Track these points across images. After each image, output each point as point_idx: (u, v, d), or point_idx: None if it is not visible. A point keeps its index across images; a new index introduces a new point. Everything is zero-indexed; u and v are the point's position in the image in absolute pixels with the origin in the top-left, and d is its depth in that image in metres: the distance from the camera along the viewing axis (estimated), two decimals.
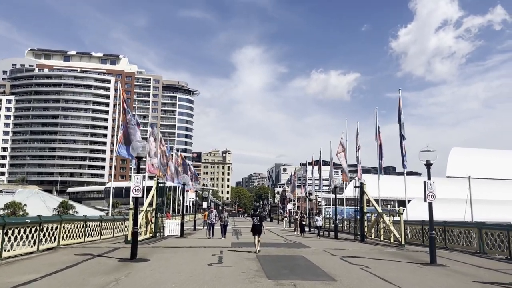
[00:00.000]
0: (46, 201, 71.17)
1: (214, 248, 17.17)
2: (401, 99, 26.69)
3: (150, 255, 14.57)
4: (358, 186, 26.39)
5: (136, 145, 13.66)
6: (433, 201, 13.90)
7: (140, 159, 13.72)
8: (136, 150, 13.58)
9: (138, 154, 13.65)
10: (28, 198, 68.47)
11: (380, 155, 29.52)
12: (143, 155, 13.72)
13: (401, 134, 26.19)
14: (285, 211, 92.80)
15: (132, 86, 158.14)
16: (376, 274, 11.04)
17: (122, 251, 15.67)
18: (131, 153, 13.81)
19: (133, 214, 13.77)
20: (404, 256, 15.85)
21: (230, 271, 11.24)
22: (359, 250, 18.11)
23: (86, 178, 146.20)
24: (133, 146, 13.69)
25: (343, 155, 39.40)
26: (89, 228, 20.01)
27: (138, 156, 13.68)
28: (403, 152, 26.36)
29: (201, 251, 16.43)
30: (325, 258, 14.57)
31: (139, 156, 13.68)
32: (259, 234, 16.11)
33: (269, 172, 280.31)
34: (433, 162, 14.02)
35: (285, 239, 25.21)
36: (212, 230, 24.83)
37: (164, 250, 16.36)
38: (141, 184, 13.56)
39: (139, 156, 13.68)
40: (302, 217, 30.71)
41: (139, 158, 13.72)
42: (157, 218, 25.31)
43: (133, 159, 27.91)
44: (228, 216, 25.74)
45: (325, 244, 21.45)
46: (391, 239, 21.75)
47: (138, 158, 13.70)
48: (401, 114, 26.43)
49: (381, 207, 31.47)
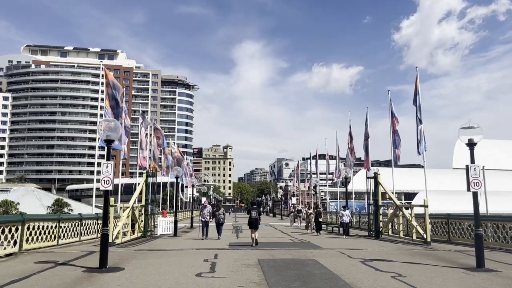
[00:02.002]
0: (42, 199, 68.88)
1: (207, 251, 14.41)
2: (418, 77, 23.77)
3: (127, 261, 11.82)
4: (372, 176, 23.60)
5: (106, 125, 10.88)
6: (478, 190, 11.11)
7: (110, 142, 10.93)
8: (105, 131, 10.80)
9: (107, 136, 10.87)
10: (23, 196, 65.99)
11: (395, 143, 26.67)
12: (113, 137, 10.93)
13: (418, 117, 23.23)
14: (289, 206, 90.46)
15: (131, 81, 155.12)
16: (417, 287, 8.27)
17: (96, 256, 12.91)
18: (99, 134, 11.06)
19: (103, 211, 11.00)
20: (438, 258, 13.04)
21: (223, 284, 8.49)
22: (380, 250, 15.33)
23: (86, 175, 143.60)
24: (101, 126, 10.90)
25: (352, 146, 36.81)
26: (65, 228, 17.28)
27: (108, 139, 10.89)
28: (419, 137, 23.40)
29: (191, 255, 13.66)
30: (343, 263, 11.79)
31: (109, 139, 10.89)
32: (256, 228, 16.69)
33: (271, 167, 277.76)
34: (478, 141, 11.19)
35: (291, 237, 22.41)
36: (206, 229, 20.62)
37: (147, 255, 13.60)
38: (110, 174, 10.78)
39: (109, 139, 10.89)
40: (319, 212, 24.93)
41: (109, 141, 10.93)
42: (147, 216, 22.59)
43: (120, 149, 25.30)
44: (224, 212, 21.42)
45: (338, 243, 18.67)
46: (413, 236, 18.94)
47: (107, 141, 10.91)
48: (417, 94, 23.49)
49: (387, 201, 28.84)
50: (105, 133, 10.87)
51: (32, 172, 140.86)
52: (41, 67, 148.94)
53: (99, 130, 10.93)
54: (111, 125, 10.93)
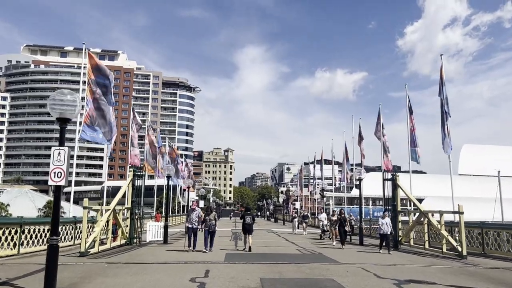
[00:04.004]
0: (36, 201, 66.52)
1: (197, 265, 11.57)
2: (443, 66, 21.01)
3: (89, 281, 9.03)
4: (390, 178, 20.77)
5: (58, 98, 8.10)
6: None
7: (65, 121, 8.14)
8: (58, 107, 8.03)
9: (61, 113, 8.09)
10: (16, 198, 63.14)
11: (413, 142, 23.89)
12: (69, 115, 8.13)
13: (445, 111, 20.42)
14: (290, 211, 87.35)
15: (131, 83, 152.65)
16: None
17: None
18: (51, 111, 8.30)
19: (52, 215, 8.16)
20: (490, 278, 10.19)
21: None
22: (410, 267, 12.45)
23: (84, 177, 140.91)
24: (53, 101, 8.10)
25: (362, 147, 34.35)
26: (30, 235, 14.45)
27: (61, 117, 8.10)
28: (445, 133, 20.55)
29: (176, 271, 10.81)
30: (372, 286, 8.94)
31: (63, 117, 8.11)
32: (250, 233, 16.45)
33: (272, 172, 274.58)
34: None
35: (298, 246, 19.48)
36: (194, 238, 15.73)
37: (120, 270, 10.75)
38: (64, 164, 8.00)
39: (63, 117, 8.11)
40: (343, 220, 19.64)
41: (64, 120, 8.14)
42: (133, 220, 19.75)
43: (106, 143, 22.41)
44: (217, 217, 17.09)
45: (355, 255, 15.78)
46: (442, 248, 16.05)
47: (61, 120, 8.12)
48: (443, 85, 20.71)
49: None
50: (58, 110, 8.08)
51: (29, 174, 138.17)
52: (41, 67, 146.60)
53: (50, 106, 8.14)
54: (66, 99, 8.14)
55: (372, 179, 53.90)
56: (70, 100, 8.18)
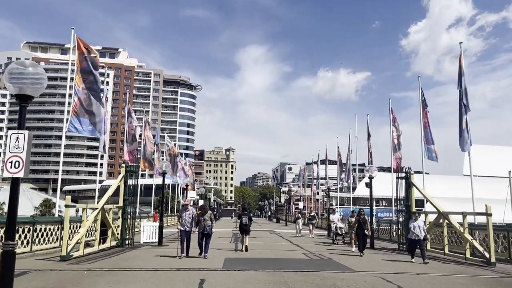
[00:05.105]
0: (33, 200, 65.74)
1: (191, 273, 10.00)
2: (462, 55, 19.43)
3: None
4: (403, 176, 19.18)
5: (17, 71, 6.54)
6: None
7: (26, 99, 6.59)
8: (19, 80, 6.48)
9: (21, 88, 6.54)
10: None
11: (430, 138, 22.31)
12: (31, 92, 6.58)
13: (463, 104, 18.79)
14: (292, 211, 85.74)
15: (132, 81, 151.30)
16: None
17: (26, 280, 8.59)
18: (8, 87, 6.76)
19: (7, 213, 6.59)
20: None
21: None
22: (434, 276, 10.86)
23: (84, 176, 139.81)
24: (10, 72, 6.55)
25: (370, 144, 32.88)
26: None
27: (20, 94, 6.55)
28: (463, 127, 18.90)
29: (165, 280, 9.22)
30: None
31: (22, 93, 6.55)
32: (247, 233, 16.40)
33: (273, 172, 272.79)
34: None
35: (304, 250, 17.86)
36: (187, 243, 13.68)
37: (99, 279, 9.16)
38: (22, 151, 6.45)
39: (22, 93, 6.55)
40: (363, 222, 16.10)
41: (24, 98, 6.59)
42: (126, 220, 18.22)
43: (94, 135, 20.84)
44: (213, 217, 14.40)
45: (369, 261, 14.16)
46: (466, 253, 14.45)
47: (20, 96, 6.57)
48: (462, 75, 19.12)
49: None
50: (17, 84, 6.53)
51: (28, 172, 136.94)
52: (41, 64, 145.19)
53: (8, 80, 6.57)
54: (27, 71, 6.58)
55: (375, 179, 52.40)
56: (32, 72, 6.62)
